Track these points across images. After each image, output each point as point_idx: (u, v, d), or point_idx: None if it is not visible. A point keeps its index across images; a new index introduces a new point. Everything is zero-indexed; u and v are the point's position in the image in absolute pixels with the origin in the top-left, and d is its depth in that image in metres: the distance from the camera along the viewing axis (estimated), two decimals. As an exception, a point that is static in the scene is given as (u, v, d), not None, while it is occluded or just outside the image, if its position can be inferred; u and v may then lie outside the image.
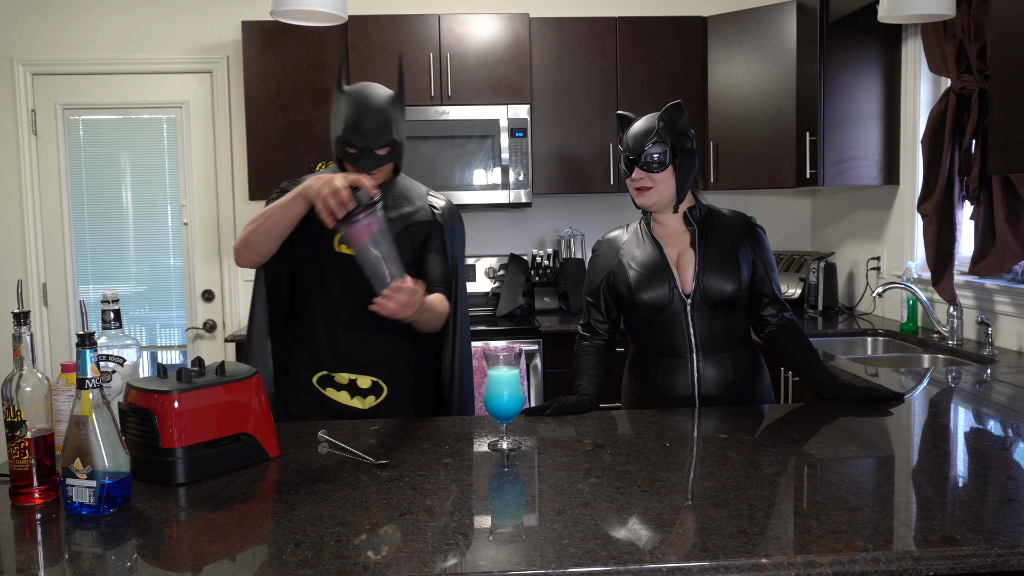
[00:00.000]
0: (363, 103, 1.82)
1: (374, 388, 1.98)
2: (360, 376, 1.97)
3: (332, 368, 1.97)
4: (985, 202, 2.77)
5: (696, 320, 1.93)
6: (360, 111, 1.82)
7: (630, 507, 1.27)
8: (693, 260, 1.94)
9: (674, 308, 1.93)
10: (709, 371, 1.94)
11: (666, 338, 1.96)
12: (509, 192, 3.75)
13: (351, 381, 1.97)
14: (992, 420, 1.81)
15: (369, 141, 1.82)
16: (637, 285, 1.94)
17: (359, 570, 1.07)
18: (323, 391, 1.98)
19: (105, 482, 1.27)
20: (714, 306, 1.93)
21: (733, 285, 1.92)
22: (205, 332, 4.15)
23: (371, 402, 1.99)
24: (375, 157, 1.85)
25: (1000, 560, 1.10)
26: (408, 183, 2.02)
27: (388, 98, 1.86)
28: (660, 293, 1.93)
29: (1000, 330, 2.85)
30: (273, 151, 3.75)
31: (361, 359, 1.97)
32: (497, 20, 3.74)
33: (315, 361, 1.98)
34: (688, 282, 1.94)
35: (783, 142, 3.62)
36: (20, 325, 1.35)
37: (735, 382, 1.96)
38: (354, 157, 1.84)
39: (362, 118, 1.81)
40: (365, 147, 1.83)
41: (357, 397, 1.98)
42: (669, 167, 1.92)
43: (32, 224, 4.03)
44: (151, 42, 4.03)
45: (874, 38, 3.44)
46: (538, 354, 3.53)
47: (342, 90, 1.86)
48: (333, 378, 1.97)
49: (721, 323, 1.95)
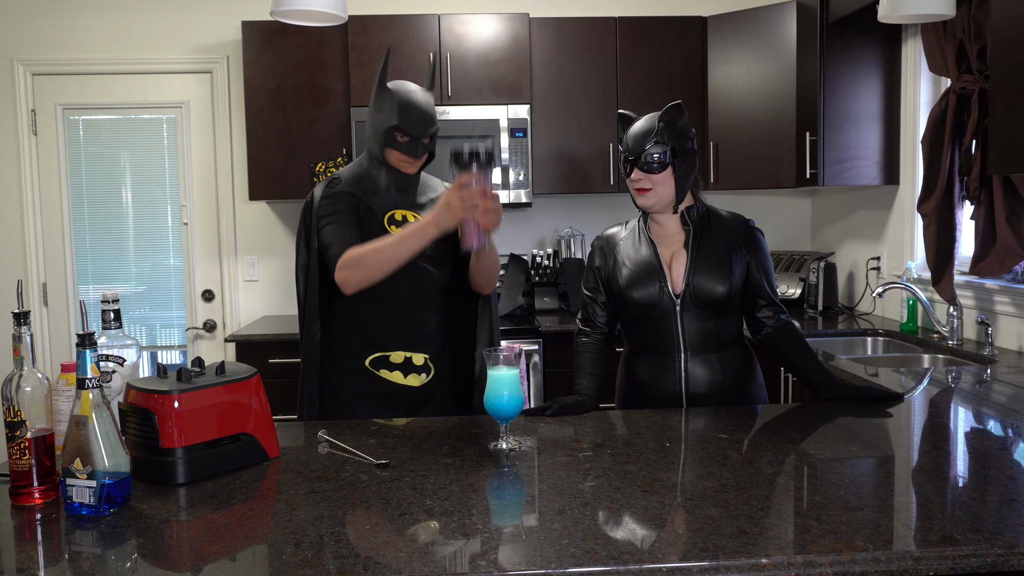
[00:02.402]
0: (409, 95, 2.00)
1: (426, 366, 2.04)
2: (415, 354, 2.03)
3: (387, 347, 2.01)
4: (985, 202, 2.77)
5: (685, 320, 1.95)
6: (408, 103, 1.98)
7: (630, 507, 1.27)
8: (685, 260, 1.95)
9: (664, 307, 1.95)
10: (697, 370, 1.96)
11: (655, 336, 1.97)
12: (509, 192, 3.75)
13: (406, 359, 2.03)
14: (992, 420, 1.81)
15: (419, 130, 1.99)
16: (628, 284, 1.96)
17: (359, 570, 1.07)
18: (377, 373, 2.02)
19: (105, 482, 1.27)
20: (704, 306, 1.94)
21: (724, 286, 1.92)
22: (205, 332, 4.16)
23: (423, 380, 2.04)
24: (422, 144, 2.01)
25: (1000, 560, 1.10)
26: (427, 176, 2.18)
27: (427, 93, 2.06)
28: (650, 292, 1.95)
29: (1000, 330, 2.85)
30: (273, 151, 3.75)
31: (415, 337, 2.04)
32: (497, 20, 3.75)
33: (368, 343, 2.02)
34: (679, 282, 1.95)
35: (783, 142, 3.62)
36: (20, 325, 1.35)
37: (723, 382, 1.97)
38: (405, 145, 1.99)
39: (411, 109, 1.98)
40: (416, 135, 1.99)
41: (412, 375, 2.03)
42: (668, 168, 1.92)
43: (32, 224, 4.03)
44: (151, 42, 4.03)
45: (874, 38, 3.44)
46: (538, 354, 3.53)
47: (385, 87, 2.00)
48: (388, 358, 2.02)
49: (711, 323, 1.96)
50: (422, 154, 2.02)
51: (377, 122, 2.01)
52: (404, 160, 2.01)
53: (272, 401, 2.93)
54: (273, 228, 4.15)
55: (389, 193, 2.03)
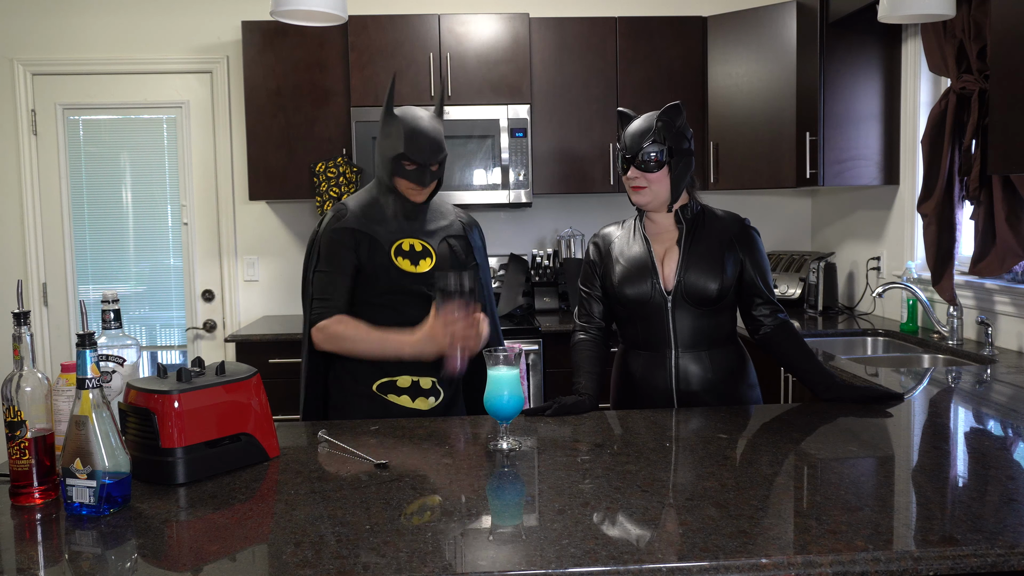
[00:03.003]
0: (417, 123, 1.97)
1: (434, 389, 2.02)
2: (422, 377, 2.01)
3: (394, 372, 1.99)
4: (985, 202, 2.77)
5: (677, 317, 1.96)
6: (416, 131, 1.96)
7: (630, 507, 1.27)
8: (677, 257, 1.97)
9: (655, 303, 1.96)
10: (689, 367, 1.97)
11: (647, 332, 1.99)
12: (509, 192, 3.75)
13: (413, 383, 2.00)
14: (992, 420, 1.81)
15: (427, 157, 1.97)
16: (621, 280, 1.99)
17: (359, 570, 1.07)
18: (385, 397, 2.00)
19: (105, 482, 1.27)
20: (696, 304, 1.95)
21: (715, 283, 1.94)
22: (205, 332, 4.15)
23: (431, 403, 2.02)
24: (430, 172, 1.99)
25: (1000, 560, 1.10)
26: (439, 199, 2.14)
27: (435, 120, 2.04)
28: (642, 289, 1.96)
29: (1000, 330, 2.85)
30: (273, 151, 3.75)
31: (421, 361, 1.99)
32: (497, 20, 3.74)
33: (375, 367, 2.00)
34: (670, 278, 1.96)
35: (783, 142, 3.62)
36: (20, 325, 1.35)
37: (715, 380, 1.98)
38: (412, 173, 1.97)
39: (418, 137, 1.96)
40: (424, 163, 1.96)
41: (420, 398, 2.01)
42: (665, 167, 1.93)
43: (32, 224, 4.03)
44: (151, 42, 4.03)
45: (874, 38, 3.44)
46: (538, 354, 3.53)
47: (392, 113, 1.99)
48: (395, 383, 2.00)
49: (704, 321, 1.97)
50: (430, 182, 1.99)
51: (384, 149, 1.99)
52: (412, 188, 1.98)
53: (272, 401, 2.91)
54: (273, 228, 4.15)
55: (397, 221, 2.01)
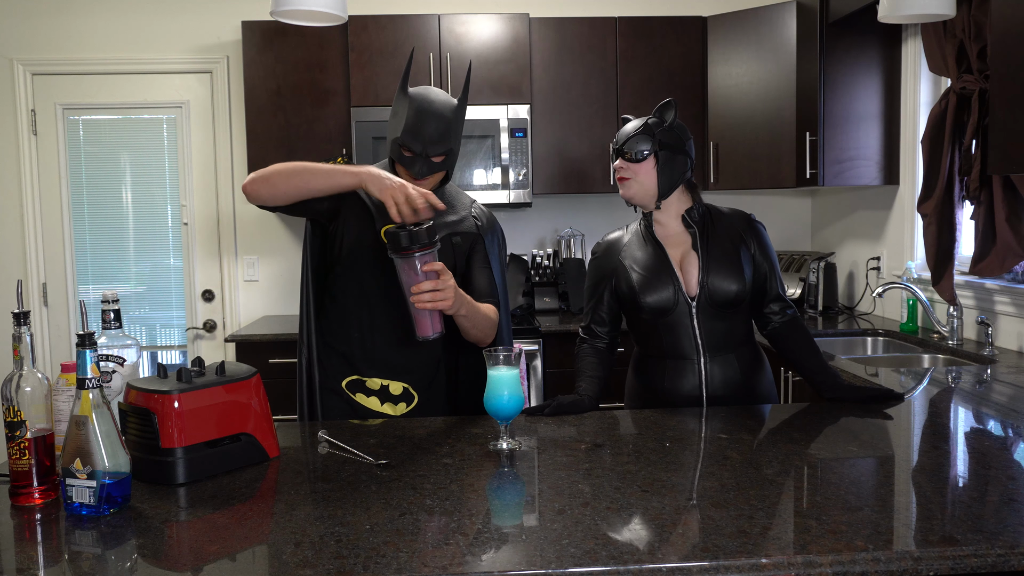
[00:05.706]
0: (426, 108, 1.80)
1: (405, 395, 1.94)
2: (392, 382, 1.93)
3: (364, 372, 1.92)
4: (985, 202, 2.77)
5: (701, 322, 1.93)
6: (422, 116, 1.80)
7: (630, 507, 1.27)
8: (697, 262, 1.94)
9: (679, 311, 1.93)
10: (716, 372, 1.94)
11: (672, 341, 1.95)
12: (509, 192, 3.75)
13: (383, 387, 1.93)
14: (992, 420, 1.81)
15: (427, 147, 1.80)
16: (641, 288, 1.94)
17: (359, 570, 1.07)
18: (353, 396, 1.93)
19: (105, 482, 1.27)
20: (719, 307, 1.93)
21: (738, 285, 1.92)
22: (205, 332, 4.15)
23: (402, 409, 1.94)
24: (430, 163, 1.83)
25: (1000, 560, 1.10)
26: (455, 191, 2.00)
27: (450, 106, 1.84)
28: (664, 296, 1.93)
29: (1000, 330, 2.85)
30: (273, 151, 3.75)
31: (394, 364, 1.92)
32: (497, 20, 3.75)
33: (347, 364, 1.93)
34: (693, 284, 1.94)
35: (783, 142, 3.62)
36: (20, 325, 1.35)
37: (741, 381, 1.96)
38: (409, 161, 1.82)
39: (423, 123, 1.79)
40: (422, 152, 1.81)
41: (388, 403, 1.93)
42: (650, 159, 1.92)
43: (32, 224, 4.03)
44: (151, 42, 4.03)
45: (874, 38, 3.44)
46: (538, 354, 3.53)
47: (406, 92, 1.83)
48: (364, 383, 1.92)
49: (725, 323, 1.95)
50: (426, 174, 1.83)
51: (390, 129, 1.85)
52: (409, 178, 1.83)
53: (272, 401, 2.93)
54: (273, 228, 4.15)
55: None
